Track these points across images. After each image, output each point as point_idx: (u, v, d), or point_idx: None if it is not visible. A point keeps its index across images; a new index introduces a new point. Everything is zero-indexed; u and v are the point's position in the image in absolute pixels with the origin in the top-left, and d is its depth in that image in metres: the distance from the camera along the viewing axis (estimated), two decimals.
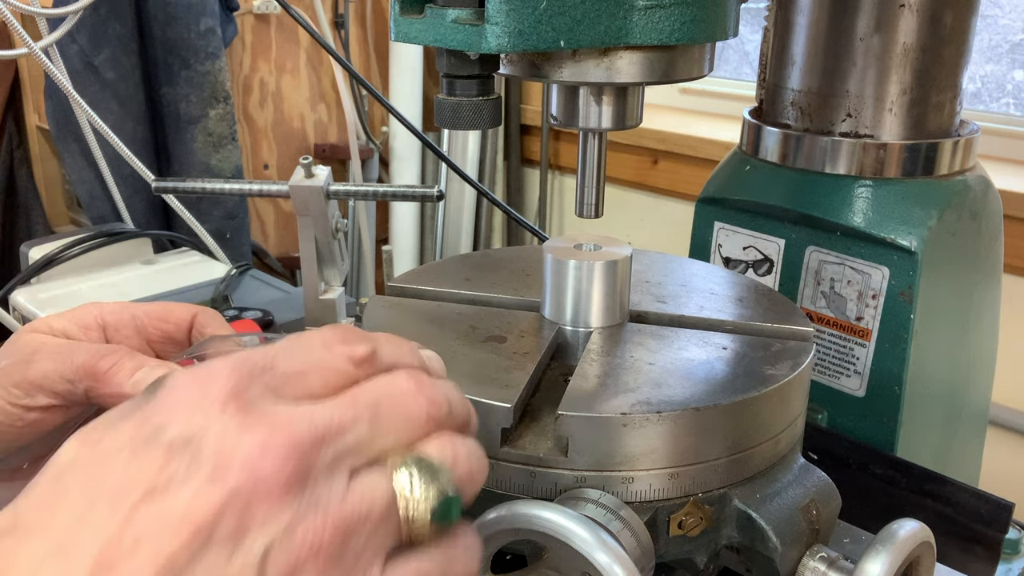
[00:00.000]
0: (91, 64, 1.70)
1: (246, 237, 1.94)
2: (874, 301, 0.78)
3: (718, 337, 0.64)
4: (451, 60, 0.55)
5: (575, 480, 0.54)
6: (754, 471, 0.57)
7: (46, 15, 1.18)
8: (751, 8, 1.75)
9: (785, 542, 0.53)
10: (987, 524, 0.69)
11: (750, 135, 0.86)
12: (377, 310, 0.68)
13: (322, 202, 0.95)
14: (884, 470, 0.75)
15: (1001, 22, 1.83)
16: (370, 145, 2.38)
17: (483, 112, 0.56)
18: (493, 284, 0.72)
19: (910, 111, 0.78)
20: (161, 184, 1.02)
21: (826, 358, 0.82)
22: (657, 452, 0.54)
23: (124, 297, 1.14)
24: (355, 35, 2.38)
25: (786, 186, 0.81)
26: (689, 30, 0.55)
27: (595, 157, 0.64)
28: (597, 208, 0.66)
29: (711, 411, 0.54)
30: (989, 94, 1.88)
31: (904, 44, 0.76)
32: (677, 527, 0.55)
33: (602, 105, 0.60)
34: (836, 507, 0.58)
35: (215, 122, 1.83)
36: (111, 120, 1.63)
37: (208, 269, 1.26)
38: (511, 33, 0.51)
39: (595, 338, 0.63)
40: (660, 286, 0.72)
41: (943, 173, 0.79)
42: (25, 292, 1.17)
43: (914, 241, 0.75)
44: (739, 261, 0.86)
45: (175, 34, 1.75)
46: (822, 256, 0.80)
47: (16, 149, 2.30)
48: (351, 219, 2.27)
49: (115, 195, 1.46)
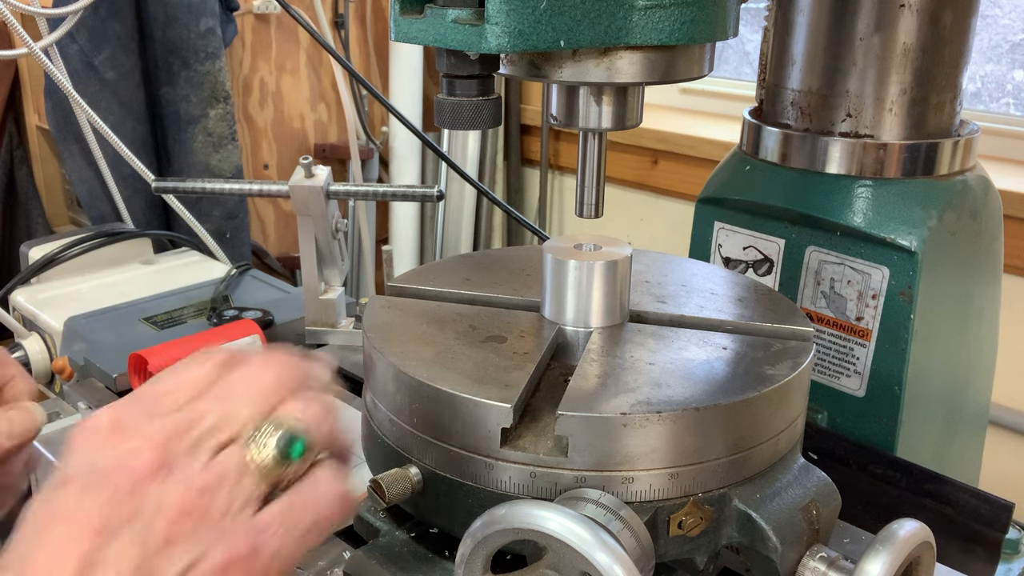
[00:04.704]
0: (91, 64, 1.70)
1: (246, 237, 1.94)
2: (874, 301, 0.78)
3: (718, 337, 0.64)
4: (451, 60, 0.55)
5: (575, 480, 0.54)
6: (754, 471, 0.57)
7: (46, 15, 1.18)
8: (751, 8, 1.75)
9: (785, 542, 0.53)
10: (987, 524, 0.69)
11: (750, 135, 0.86)
12: (377, 310, 0.68)
13: (322, 202, 0.95)
14: (884, 470, 0.75)
15: (1001, 22, 1.83)
16: (370, 145, 2.38)
17: (483, 112, 0.56)
18: (493, 284, 0.72)
19: (910, 111, 0.78)
20: (161, 184, 1.02)
21: (826, 358, 0.82)
22: (657, 452, 0.54)
23: (124, 297, 1.14)
24: (355, 35, 2.38)
25: (786, 186, 0.81)
26: (689, 30, 0.55)
27: (595, 157, 0.64)
28: (597, 208, 0.66)
29: (711, 411, 0.54)
30: (989, 94, 1.88)
31: (904, 44, 0.76)
32: (677, 527, 0.55)
33: (602, 105, 0.60)
34: (836, 507, 0.58)
35: (215, 122, 1.83)
36: (111, 120, 1.63)
37: (208, 269, 1.26)
38: (511, 33, 0.51)
39: (595, 338, 0.63)
40: (660, 286, 0.72)
41: (943, 173, 0.79)
42: (25, 292, 1.17)
43: (914, 241, 0.75)
44: (739, 261, 0.86)
45: (175, 34, 1.75)
46: (822, 256, 0.80)
47: (16, 149, 2.30)
48: (351, 219, 2.27)
49: (115, 195, 1.46)
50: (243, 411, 0.44)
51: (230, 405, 0.44)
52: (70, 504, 0.41)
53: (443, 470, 0.57)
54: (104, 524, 0.40)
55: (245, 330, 0.98)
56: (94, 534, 0.40)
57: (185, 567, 0.40)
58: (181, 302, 1.11)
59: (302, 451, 0.44)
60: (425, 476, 0.58)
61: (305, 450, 0.44)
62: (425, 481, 0.58)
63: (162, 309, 1.09)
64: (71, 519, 0.40)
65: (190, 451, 0.42)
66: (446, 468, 0.57)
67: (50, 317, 1.09)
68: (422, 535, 0.62)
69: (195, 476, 0.41)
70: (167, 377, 0.46)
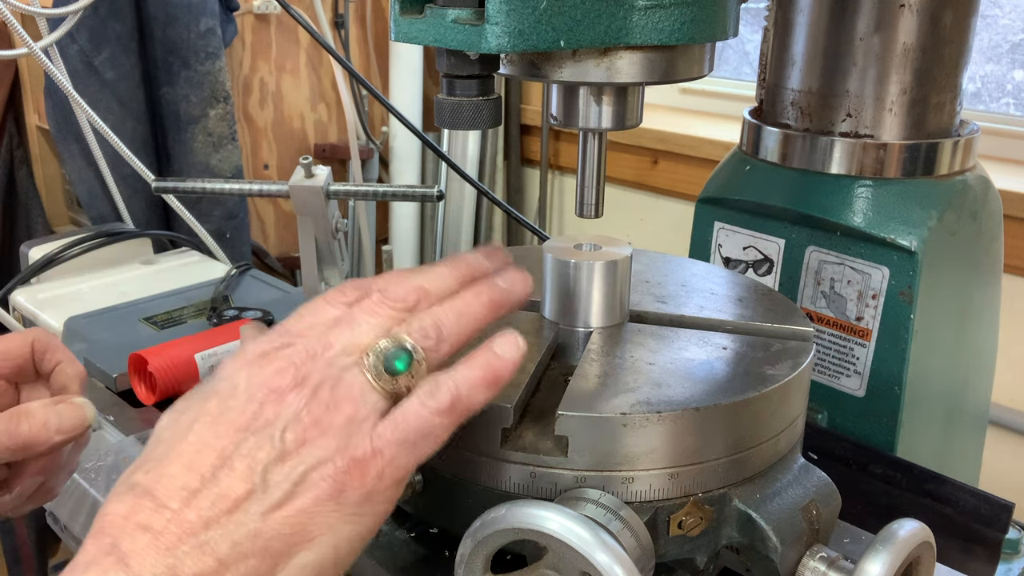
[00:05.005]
0: (91, 64, 1.70)
1: (246, 237, 1.94)
2: (874, 301, 0.78)
3: (718, 337, 0.64)
4: (451, 60, 0.55)
5: (575, 480, 0.54)
6: (754, 471, 0.57)
7: (46, 15, 1.18)
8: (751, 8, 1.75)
9: (785, 542, 0.53)
10: (987, 524, 0.70)
11: (750, 135, 0.86)
12: None
13: (322, 202, 0.95)
14: (884, 470, 0.75)
15: (1001, 22, 1.83)
16: (370, 145, 2.38)
17: (483, 112, 0.56)
18: None
19: (910, 111, 0.78)
20: (161, 184, 1.02)
21: (826, 358, 0.82)
22: (657, 452, 0.54)
23: (124, 297, 1.14)
24: (355, 35, 2.38)
25: (786, 186, 0.81)
26: (689, 30, 0.55)
27: (595, 157, 0.64)
28: (597, 208, 0.66)
29: (711, 411, 0.54)
30: (989, 94, 1.88)
31: (904, 44, 0.76)
32: (677, 527, 0.55)
33: (602, 105, 0.60)
34: (836, 507, 0.58)
35: (215, 122, 1.83)
36: (111, 120, 1.63)
37: (208, 269, 1.26)
38: (511, 33, 0.51)
39: (595, 338, 0.63)
40: (660, 286, 0.72)
41: (943, 173, 0.79)
42: (25, 292, 1.17)
43: (914, 241, 0.75)
44: (739, 261, 0.86)
45: (175, 34, 1.75)
46: (822, 256, 0.80)
47: (16, 149, 2.30)
48: (351, 219, 2.27)
49: (115, 195, 1.46)
50: (363, 339, 0.49)
51: (353, 333, 0.50)
52: (214, 409, 0.47)
53: (443, 470, 0.57)
54: (246, 425, 0.46)
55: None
56: (235, 431, 0.46)
57: (311, 465, 0.45)
58: (181, 302, 1.12)
59: (405, 366, 0.48)
60: (425, 476, 0.58)
61: (410, 364, 0.49)
62: (425, 481, 0.58)
63: (162, 309, 1.09)
64: (216, 421, 0.46)
65: (323, 372, 0.48)
66: (446, 468, 0.57)
67: (50, 317, 1.10)
68: (422, 535, 0.62)
69: (325, 392, 0.47)
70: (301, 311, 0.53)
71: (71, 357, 0.67)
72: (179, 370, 0.91)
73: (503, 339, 0.51)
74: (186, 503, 0.44)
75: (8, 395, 0.67)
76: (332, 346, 0.49)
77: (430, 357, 0.50)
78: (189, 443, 0.46)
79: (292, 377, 0.47)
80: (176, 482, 0.44)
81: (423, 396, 0.48)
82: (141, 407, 0.92)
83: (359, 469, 0.46)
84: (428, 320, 0.51)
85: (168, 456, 0.46)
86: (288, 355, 0.48)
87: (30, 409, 0.61)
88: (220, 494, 0.44)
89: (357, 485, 0.46)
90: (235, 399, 0.47)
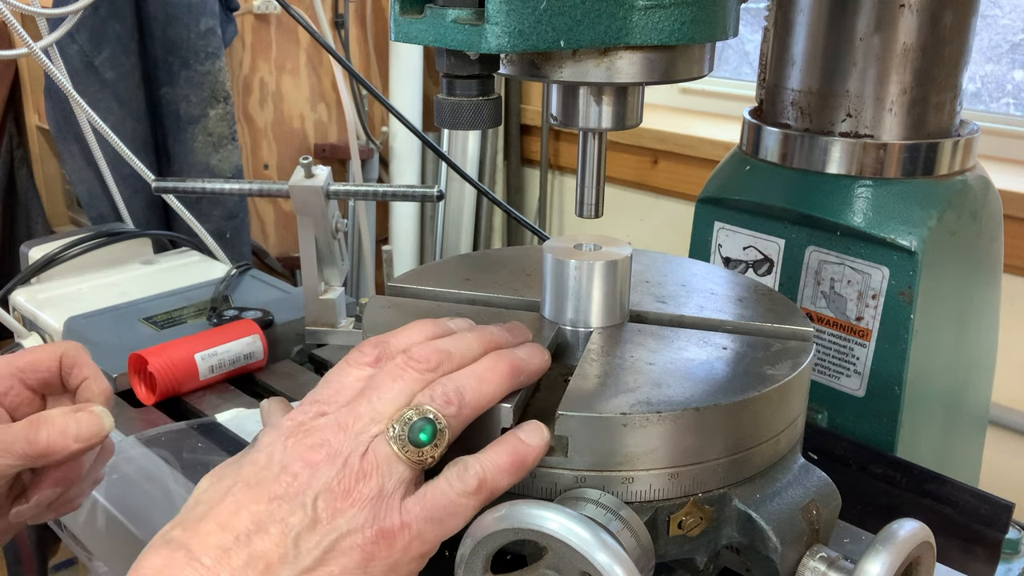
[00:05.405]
0: (91, 64, 1.70)
1: (246, 237, 1.94)
2: (874, 301, 0.78)
3: (718, 337, 0.64)
4: (451, 60, 0.55)
5: (575, 480, 0.54)
6: (754, 471, 0.57)
7: (46, 15, 1.18)
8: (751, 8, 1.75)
9: (785, 542, 0.53)
10: (987, 524, 0.70)
11: (750, 135, 0.86)
12: (377, 310, 0.68)
13: (322, 202, 0.95)
14: (884, 470, 0.75)
15: (1001, 22, 1.83)
16: (370, 145, 2.38)
17: (483, 112, 0.56)
18: (493, 284, 0.72)
19: (910, 111, 0.78)
20: (161, 184, 1.02)
21: (826, 358, 0.82)
22: (657, 452, 0.54)
23: (124, 297, 1.14)
24: (355, 35, 2.38)
25: (786, 186, 0.81)
26: (689, 30, 0.55)
27: (595, 157, 0.64)
28: (597, 208, 0.66)
29: (711, 411, 0.54)
30: (989, 94, 1.88)
31: (904, 44, 0.76)
32: (677, 527, 0.55)
33: (602, 105, 0.60)
34: (836, 507, 0.58)
35: (215, 122, 1.83)
36: (111, 120, 1.63)
37: (208, 269, 1.26)
38: (511, 33, 0.51)
39: (595, 338, 0.63)
40: (660, 286, 0.72)
41: (943, 173, 0.79)
42: (25, 292, 1.17)
43: (914, 241, 0.75)
44: (739, 261, 0.86)
45: (175, 34, 1.75)
46: (822, 256, 0.80)
47: (16, 149, 2.30)
48: (351, 219, 2.27)
49: (115, 195, 1.46)
50: (389, 405, 0.51)
51: (378, 403, 0.51)
52: (251, 477, 0.49)
53: None
54: (281, 494, 0.48)
55: (245, 330, 0.98)
56: (269, 499, 0.48)
57: (342, 534, 0.47)
58: (181, 302, 1.11)
59: (429, 437, 0.50)
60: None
61: (434, 435, 0.50)
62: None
63: (162, 309, 1.09)
64: (252, 488, 0.49)
65: (352, 443, 0.50)
66: None
67: (50, 317, 1.09)
68: None
69: (355, 465, 0.49)
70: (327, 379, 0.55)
71: (98, 373, 0.67)
72: (179, 370, 0.91)
73: (529, 427, 0.53)
74: (219, 560, 0.46)
75: (34, 406, 0.67)
76: (361, 417, 0.51)
77: (452, 424, 0.51)
78: (225, 506, 0.48)
79: (326, 452, 0.49)
80: (211, 540, 0.46)
81: (452, 478, 0.50)
82: (141, 407, 0.92)
83: (387, 540, 0.48)
84: (451, 386, 0.52)
85: (205, 517, 0.48)
86: (321, 427, 0.51)
87: (49, 416, 0.61)
88: (253, 555, 0.46)
89: (384, 555, 0.48)
90: (271, 469, 0.49)
